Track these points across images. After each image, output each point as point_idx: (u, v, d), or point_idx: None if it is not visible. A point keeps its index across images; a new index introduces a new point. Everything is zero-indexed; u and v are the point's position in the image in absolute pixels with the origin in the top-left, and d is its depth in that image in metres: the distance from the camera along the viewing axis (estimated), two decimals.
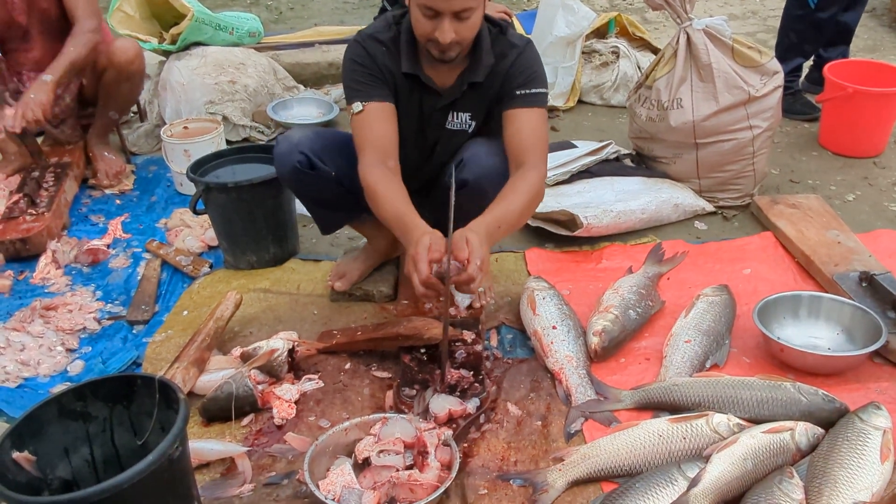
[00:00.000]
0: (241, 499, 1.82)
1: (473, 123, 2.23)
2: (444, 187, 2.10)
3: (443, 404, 1.99)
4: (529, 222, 2.80)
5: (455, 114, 2.21)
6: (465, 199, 2.15)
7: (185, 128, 3.43)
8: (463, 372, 2.11)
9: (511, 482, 1.83)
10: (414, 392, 2.05)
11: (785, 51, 3.79)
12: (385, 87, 2.11)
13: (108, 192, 3.37)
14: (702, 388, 2.01)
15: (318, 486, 1.74)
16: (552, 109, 4.01)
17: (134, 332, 2.49)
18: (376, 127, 2.08)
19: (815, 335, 2.26)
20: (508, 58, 2.12)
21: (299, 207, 2.64)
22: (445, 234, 1.96)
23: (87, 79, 3.30)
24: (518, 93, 2.11)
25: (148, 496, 1.44)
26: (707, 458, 1.76)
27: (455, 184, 2.11)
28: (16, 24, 3.16)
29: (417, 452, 1.84)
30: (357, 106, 2.08)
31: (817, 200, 2.99)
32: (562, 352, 2.18)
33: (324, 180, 2.24)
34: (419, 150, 2.28)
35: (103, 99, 3.31)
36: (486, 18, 2.11)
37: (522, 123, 2.10)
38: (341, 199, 2.34)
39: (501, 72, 2.13)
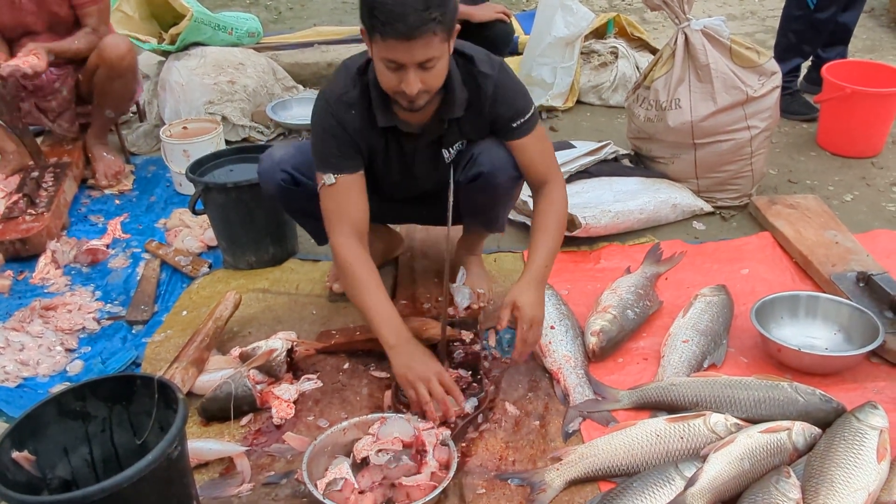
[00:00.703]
0: (239, 498, 1.83)
1: (467, 141, 2.21)
2: (450, 184, 2.14)
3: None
4: (528, 222, 2.80)
5: (447, 149, 2.18)
6: (478, 191, 2.16)
7: (185, 128, 3.43)
8: (461, 372, 2.12)
9: (509, 482, 1.84)
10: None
11: (784, 51, 3.80)
12: (357, 156, 2.07)
13: (107, 192, 3.37)
14: (699, 387, 2.01)
15: (316, 486, 1.74)
16: (551, 109, 4.02)
17: (133, 332, 2.49)
18: (348, 202, 2.06)
19: (812, 335, 2.27)
20: (484, 88, 2.05)
21: None
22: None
23: (84, 76, 3.31)
24: (514, 125, 2.11)
25: (147, 496, 1.45)
26: (704, 458, 1.76)
27: (468, 178, 2.13)
28: (24, 24, 3.18)
29: (416, 452, 1.84)
30: (329, 178, 2.04)
31: (815, 200, 2.99)
32: (560, 352, 2.19)
33: (310, 194, 2.22)
34: (415, 182, 2.27)
35: (98, 97, 3.32)
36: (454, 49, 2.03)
37: (531, 152, 2.15)
38: None
39: (483, 102, 2.07)
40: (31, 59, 2.98)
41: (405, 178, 2.25)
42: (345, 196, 2.05)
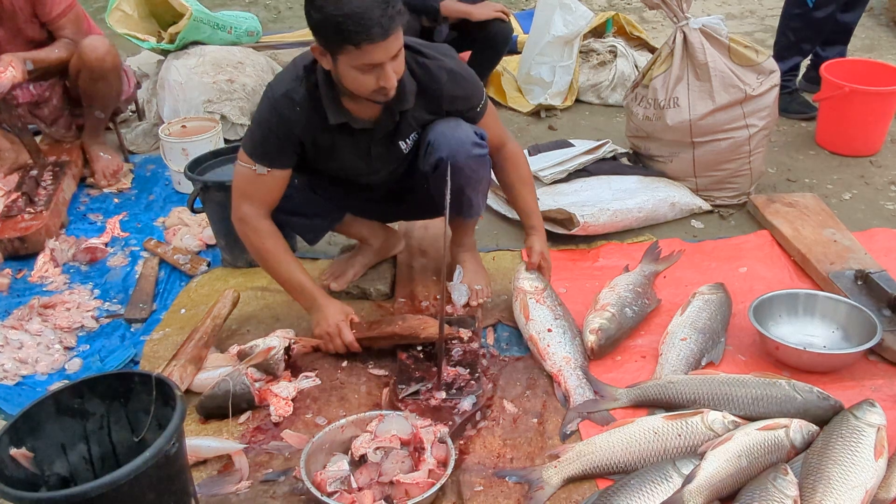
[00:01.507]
0: (237, 496, 1.83)
1: (421, 129, 2.25)
2: (421, 173, 2.25)
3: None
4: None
5: (403, 141, 2.24)
6: (442, 179, 2.17)
7: (184, 126, 3.43)
8: (459, 370, 2.13)
9: (507, 479, 1.84)
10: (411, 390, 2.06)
11: (783, 49, 3.79)
12: (292, 155, 2.18)
13: (106, 190, 3.38)
14: (697, 385, 2.01)
15: (314, 484, 1.74)
16: (550, 108, 4.02)
17: (132, 330, 2.49)
18: (272, 191, 2.21)
19: (810, 333, 2.27)
20: (437, 74, 2.12)
21: None
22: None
23: (70, 82, 3.31)
24: (478, 109, 2.26)
25: (145, 493, 1.45)
26: (702, 455, 1.77)
27: (429, 166, 2.19)
28: (4, 51, 3.16)
29: (414, 449, 1.84)
30: (261, 169, 2.15)
31: (814, 199, 3.00)
32: (559, 353, 2.18)
33: (298, 192, 2.30)
34: (376, 176, 2.32)
35: (85, 99, 3.32)
36: None
37: (491, 128, 2.31)
38: (316, 204, 2.39)
39: (437, 89, 2.14)
40: (8, 72, 2.97)
41: (364, 173, 2.30)
42: (271, 186, 2.19)
